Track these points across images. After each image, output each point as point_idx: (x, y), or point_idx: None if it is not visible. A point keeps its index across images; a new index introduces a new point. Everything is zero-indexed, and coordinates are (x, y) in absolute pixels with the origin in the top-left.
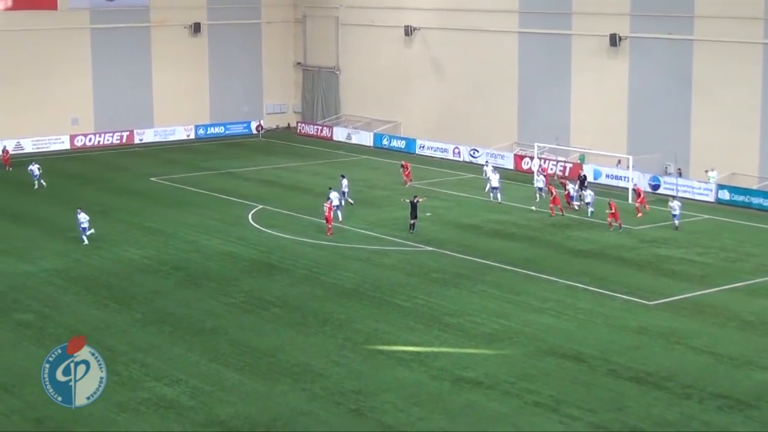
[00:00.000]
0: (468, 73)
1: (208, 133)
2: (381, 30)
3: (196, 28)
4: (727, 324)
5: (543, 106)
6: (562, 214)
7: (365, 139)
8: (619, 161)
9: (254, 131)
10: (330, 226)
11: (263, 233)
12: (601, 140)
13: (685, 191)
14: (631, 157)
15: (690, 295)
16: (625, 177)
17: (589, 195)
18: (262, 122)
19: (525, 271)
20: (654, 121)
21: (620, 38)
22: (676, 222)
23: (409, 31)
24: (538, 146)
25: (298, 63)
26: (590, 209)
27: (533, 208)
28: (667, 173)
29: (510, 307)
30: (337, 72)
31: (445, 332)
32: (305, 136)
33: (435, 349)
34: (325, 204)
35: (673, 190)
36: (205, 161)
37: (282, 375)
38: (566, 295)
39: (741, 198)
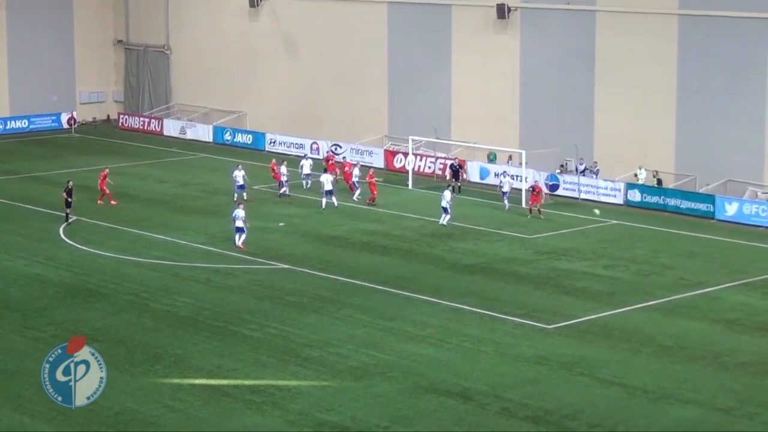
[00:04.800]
0: (327, 53)
1: (7, 128)
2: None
3: None
4: (641, 350)
5: (418, 93)
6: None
7: (203, 133)
8: (510, 157)
9: (65, 125)
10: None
11: (78, 251)
12: (488, 132)
13: (589, 192)
14: (524, 152)
15: (596, 316)
16: (517, 176)
17: (507, 184)
18: (74, 114)
19: (400, 292)
20: (551, 109)
21: (509, 9)
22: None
23: (255, 1)
24: (413, 140)
25: (119, 41)
26: (506, 202)
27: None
28: (566, 170)
29: (382, 335)
30: (168, 52)
31: (304, 367)
32: (129, 130)
33: (292, 389)
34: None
35: (575, 191)
36: (3, 163)
37: (103, 425)
38: (449, 320)
39: (655, 199)
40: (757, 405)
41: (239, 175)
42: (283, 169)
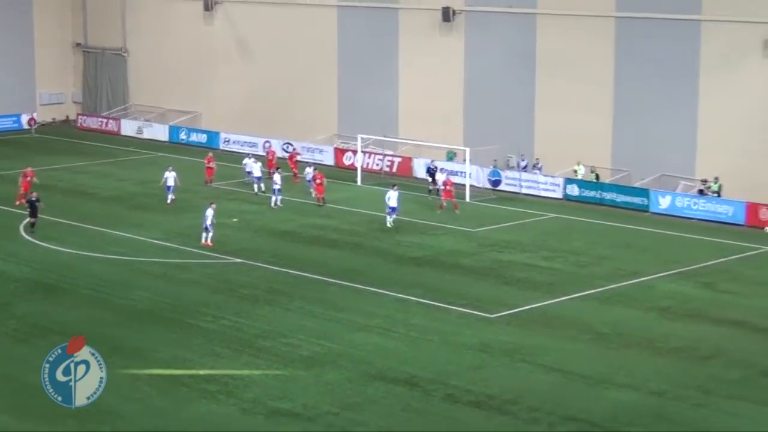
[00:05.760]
0: (279, 55)
1: None
2: (176, 4)
3: None
4: (579, 337)
5: (367, 93)
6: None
7: (159, 132)
8: (455, 154)
9: (26, 126)
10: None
11: (38, 247)
12: (434, 130)
13: (530, 187)
14: (467, 149)
15: (536, 305)
16: (461, 172)
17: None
18: (34, 115)
19: (349, 284)
20: (493, 107)
21: (454, 12)
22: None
23: (209, 4)
24: (361, 138)
25: (78, 44)
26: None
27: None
28: (509, 167)
29: (332, 325)
30: (125, 54)
31: (257, 357)
32: (87, 130)
33: (245, 378)
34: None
35: (516, 186)
36: None
37: (64, 416)
38: (396, 310)
39: (592, 194)
40: (688, 388)
41: (170, 176)
42: (250, 162)
